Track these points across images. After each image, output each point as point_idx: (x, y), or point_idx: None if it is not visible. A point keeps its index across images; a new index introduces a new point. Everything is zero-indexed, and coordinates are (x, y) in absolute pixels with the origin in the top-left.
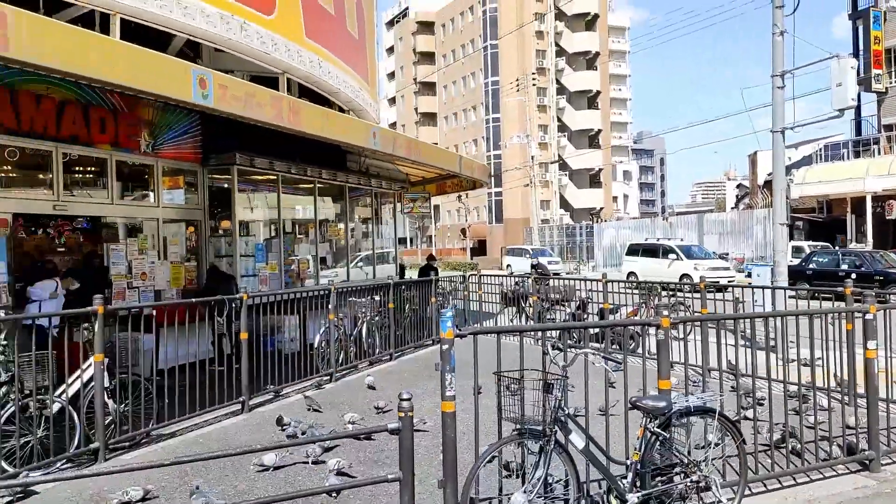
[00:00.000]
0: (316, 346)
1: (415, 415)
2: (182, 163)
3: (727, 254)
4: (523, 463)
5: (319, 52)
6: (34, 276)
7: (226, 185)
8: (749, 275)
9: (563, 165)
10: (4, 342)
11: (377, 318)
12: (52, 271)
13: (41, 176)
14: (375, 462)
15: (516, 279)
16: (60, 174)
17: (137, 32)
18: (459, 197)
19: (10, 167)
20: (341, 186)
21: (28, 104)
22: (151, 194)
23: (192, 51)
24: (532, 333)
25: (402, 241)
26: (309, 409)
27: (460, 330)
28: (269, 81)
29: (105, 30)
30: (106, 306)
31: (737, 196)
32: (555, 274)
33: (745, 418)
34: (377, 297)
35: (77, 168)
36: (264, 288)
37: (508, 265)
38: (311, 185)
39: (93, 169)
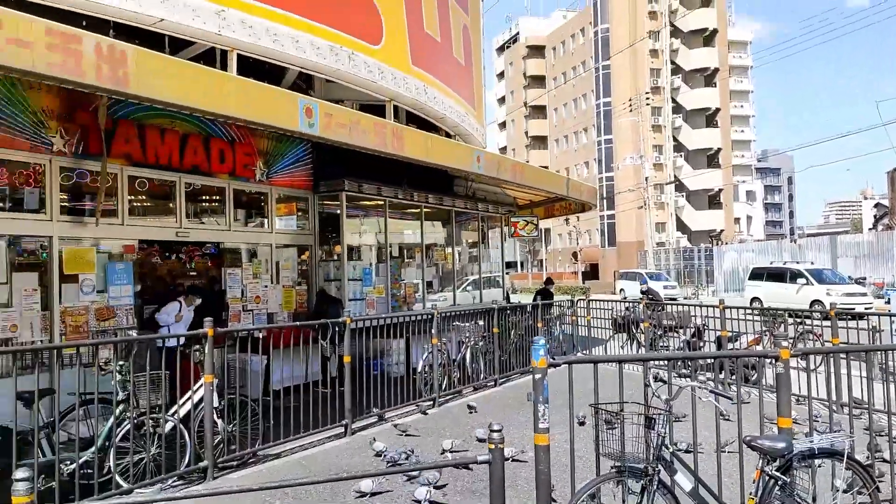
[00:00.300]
0: (419, 370)
1: (515, 444)
2: (294, 190)
3: (864, 278)
4: (624, 503)
5: (425, 79)
6: (165, 298)
7: (335, 211)
8: (889, 301)
9: (680, 186)
10: (122, 363)
11: (481, 343)
12: (177, 293)
13: (166, 204)
14: (472, 492)
15: (626, 304)
16: (183, 202)
17: (254, 66)
18: (567, 220)
19: (137, 197)
20: (448, 211)
21: (154, 137)
22: (265, 221)
23: (304, 82)
24: (634, 363)
25: (512, 264)
26: (403, 435)
27: (554, 358)
28: (378, 109)
29: (224, 65)
30: (215, 329)
31: (875, 216)
32: (671, 299)
33: (884, 460)
34: (481, 322)
35: (198, 196)
36: (371, 311)
37: (622, 290)
38: (418, 210)
39: (212, 197)
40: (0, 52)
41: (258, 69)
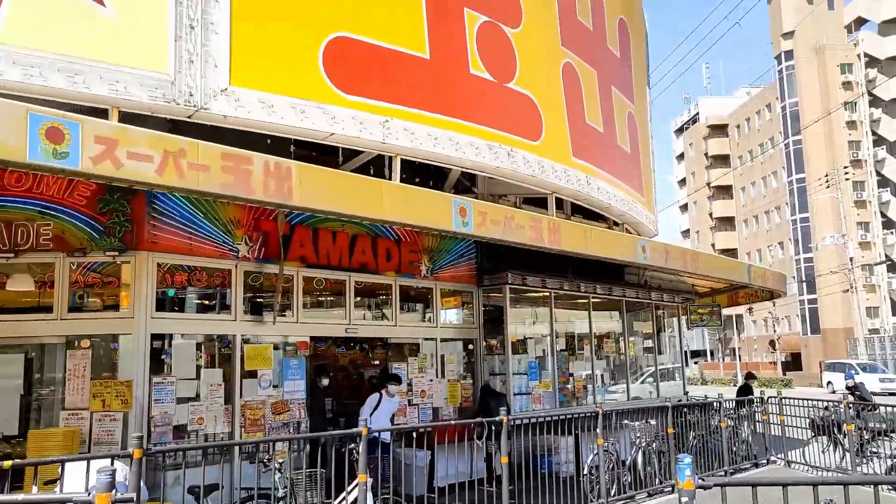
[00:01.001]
0: (585, 472)
1: None
2: (458, 284)
3: None
4: None
5: (587, 170)
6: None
7: (499, 304)
8: None
9: (894, 266)
10: (281, 461)
11: (655, 444)
12: (375, 387)
13: (337, 301)
14: None
15: (825, 403)
16: (352, 300)
17: (421, 166)
18: (750, 310)
19: (311, 296)
20: (618, 300)
21: (326, 240)
22: (431, 315)
23: (468, 179)
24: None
25: (699, 353)
26: None
27: (704, 480)
28: (542, 200)
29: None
30: (369, 429)
31: None
32: (890, 394)
33: None
34: (653, 422)
35: (366, 293)
36: (537, 407)
37: (829, 382)
38: (586, 300)
39: (380, 294)
40: (183, 177)
41: (425, 169)
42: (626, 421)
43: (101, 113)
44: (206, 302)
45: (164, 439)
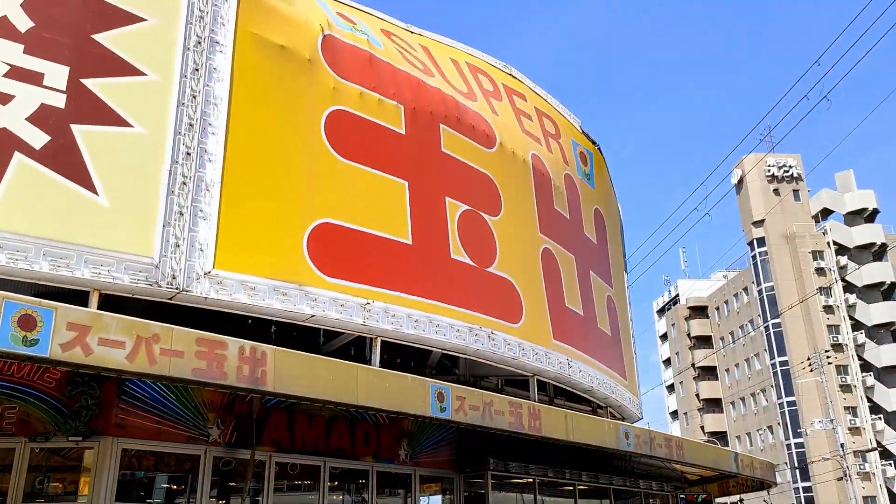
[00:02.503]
0: None
1: None
2: (439, 470)
3: None
4: None
5: (569, 353)
6: None
7: (481, 491)
8: None
9: (886, 453)
10: None
11: None
12: None
13: (311, 486)
14: None
15: None
16: (326, 486)
17: (401, 347)
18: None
19: (285, 480)
20: (605, 488)
21: (302, 423)
22: (410, 501)
23: (449, 360)
24: None
25: None
26: None
27: None
28: (524, 382)
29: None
30: None
31: None
32: None
33: None
34: None
35: (343, 478)
36: None
37: None
38: (572, 488)
39: (356, 480)
40: (155, 363)
41: (407, 349)
42: None
43: (83, 295)
44: (174, 487)
45: None
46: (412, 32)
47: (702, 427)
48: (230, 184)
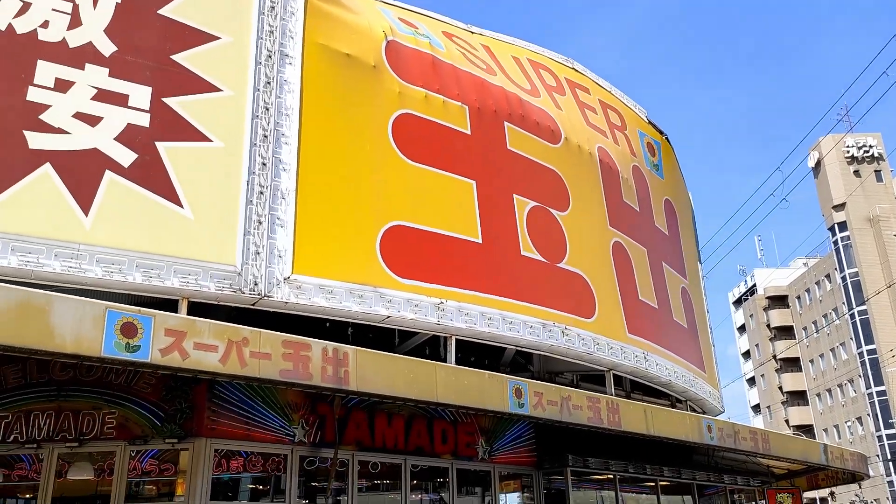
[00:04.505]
0: None
1: None
2: (518, 467)
3: None
4: None
5: (644, 346)
6: None
7: (561, 487)
8: None
9: None
10: None
11: None
12: None
13: (392, 485)
14: None
15: None
16: (408, 484)
17: (475, 346)
18: (832, 494)
19: (366, 479)
20: (688, 484)
21: (382, 422)
22: (490, 499)
23: (523, 357)
24: None
25: None
26: None
27: None
28: (600, 377)
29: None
30: None
31: None
32: None
33: None
34: None
35: (423, 477)
36: None
37: None
38: (654, 484)
39: (437, 477)
40: (246, 365)
41: (481, 347)
42: None
43: (171, 304)
44: (261, 487)
45: None
46: (473, 32)
47: (786, 421)
48: (304, 191)
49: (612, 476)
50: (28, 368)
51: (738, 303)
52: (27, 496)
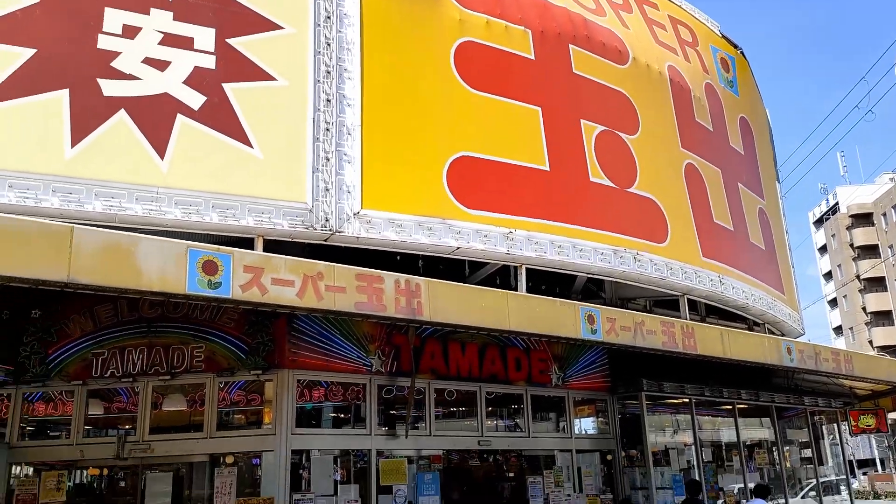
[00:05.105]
0: None
1: None
2: (591, 392)
3: None
4: None
5: (719, 269)
6: None
7: (636, 412)
8: None
9: None
10: None
11: None
12: None
13: (469, 412)
14: None
15: None
16: (484, 410)
17: (546, 273)
18: None
19: (442, 407)
20: (766, 406)
21: (456, 351)
22: (564, 425)
23: (595, 284)
24: None
25: (867, 463)
26: None
27: None
28: (674, 303)
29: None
30: None
31: None
32: None
33: None
34: None
35: (497, 403)
36: None
37: None
38: (731, 407)
39: (511, 405)
40: (322, 298)
41: (551, 276)
42: None
43: (246, 241)
44: (342, 416)
45: None
46: None
47: (870, 341)
48: (369, 126)
49: (687, 400)
50: (119, 307)
51: (818, 222)
52: (127, 427)
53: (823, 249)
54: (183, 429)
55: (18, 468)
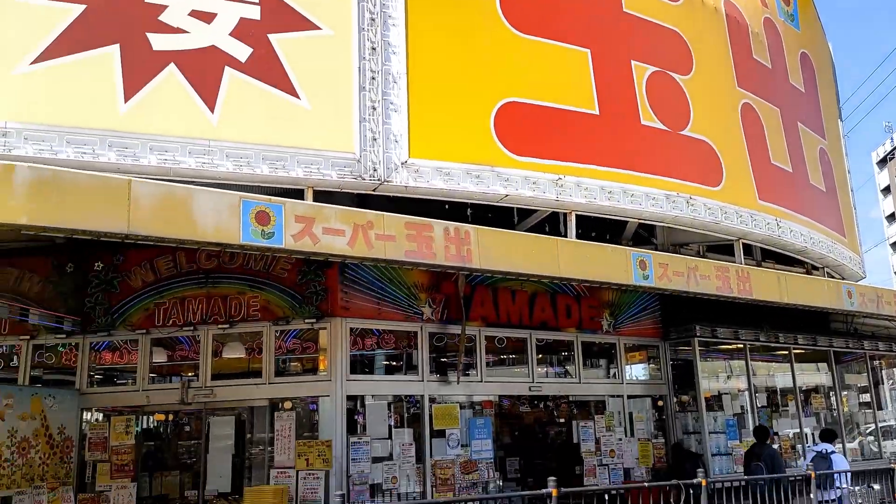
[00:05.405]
0: None
1: None
2: (643, 338)
3: None
4: None
5: (776, 213)
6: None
7: (689, 357)
8: None
9: None
10: None
11: None
12: None
13: (519, 359)
14: None
15: None
16: (534, 357)
17: (596, 219)
18: None
19: (493, 355)
20: (824, 351)
21: (506, 299)
22: (616, 371)
23: (646, 230)
24: None
25: None
26: None
27: None
28: (727, 247)
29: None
30: (559, 489)
31: None
32: None
33: None
34: (876, 486)
35: (548, 351)
36: (739, 469)
37: None
38: (787, 352)
39: (562, 352)
40: (372, 247)
41: (601, 222)
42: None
43: (295, 192)
44: (394, 363)
45: (362, 497)
46: None
47: None
48: (415, 74)
49: (741, 345)
50: (177, 259)
51: (882, 162)
52: (189, 374)
53: (887, 190)
54: (243, 375)
55: (89, 413)
